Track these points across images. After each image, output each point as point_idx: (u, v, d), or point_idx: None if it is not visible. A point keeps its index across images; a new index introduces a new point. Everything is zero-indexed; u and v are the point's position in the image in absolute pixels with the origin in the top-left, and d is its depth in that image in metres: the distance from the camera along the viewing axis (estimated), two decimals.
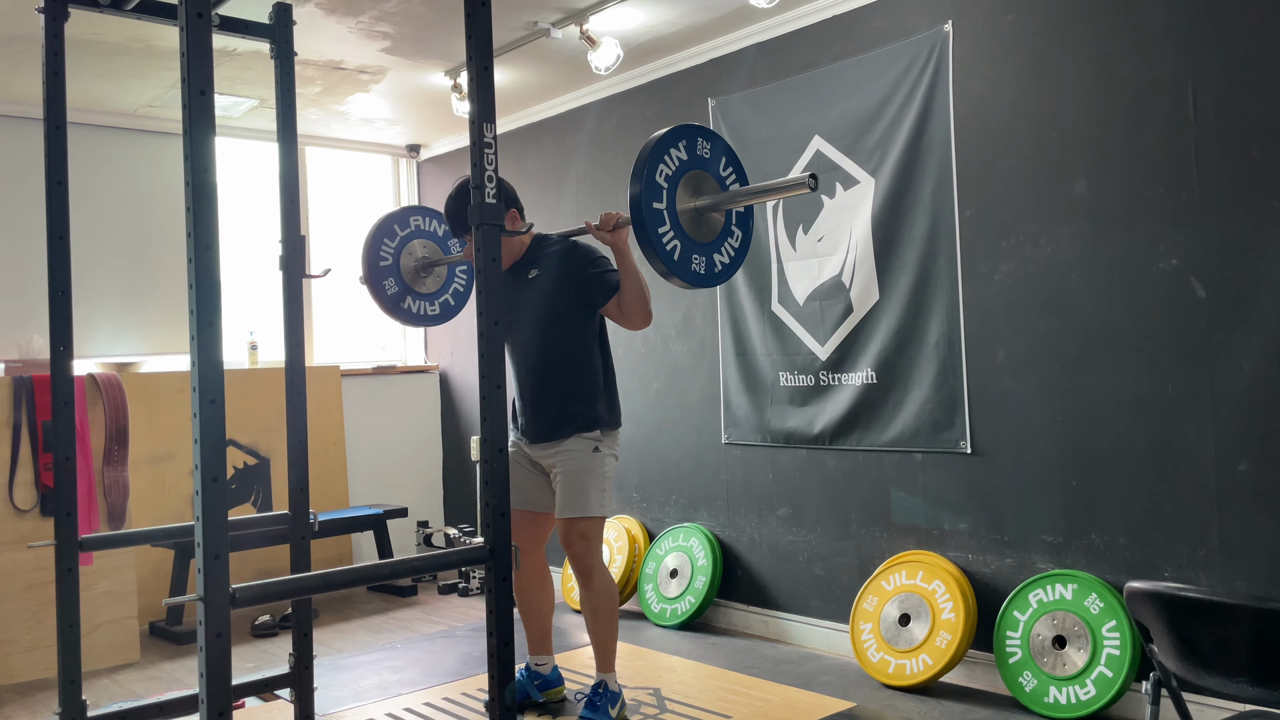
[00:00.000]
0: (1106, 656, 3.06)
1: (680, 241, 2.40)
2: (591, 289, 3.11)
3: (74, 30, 3.51)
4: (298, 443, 2.89)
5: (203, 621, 1.74)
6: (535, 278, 3.19)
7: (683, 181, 2.43)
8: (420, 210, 3.58)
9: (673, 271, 2.39)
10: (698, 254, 2.44)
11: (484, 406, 2.09)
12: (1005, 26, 3.37)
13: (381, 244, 3.47)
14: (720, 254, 2.51)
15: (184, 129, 1.82)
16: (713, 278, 2.50)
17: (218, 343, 1.79)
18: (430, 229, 3.59)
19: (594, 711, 3.13)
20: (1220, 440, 2.93)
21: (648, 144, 2.41)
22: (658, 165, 2.37)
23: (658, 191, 2.36)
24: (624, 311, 3.08)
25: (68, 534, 2.67)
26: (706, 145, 2.50)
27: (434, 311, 3.60)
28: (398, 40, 4.17)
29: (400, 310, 3.50)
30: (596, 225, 2.94)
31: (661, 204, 2.37)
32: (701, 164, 2.47)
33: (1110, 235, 3.14)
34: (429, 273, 3.57)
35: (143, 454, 4.73)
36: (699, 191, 2.47)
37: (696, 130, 2.48)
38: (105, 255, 5.00)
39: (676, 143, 2.42)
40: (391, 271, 3.49)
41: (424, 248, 3.56)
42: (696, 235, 2.45)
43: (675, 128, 2.47)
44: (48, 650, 3.96)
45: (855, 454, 3.86)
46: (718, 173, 2.52)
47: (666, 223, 2.37)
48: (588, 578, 3.15)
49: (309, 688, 2.93)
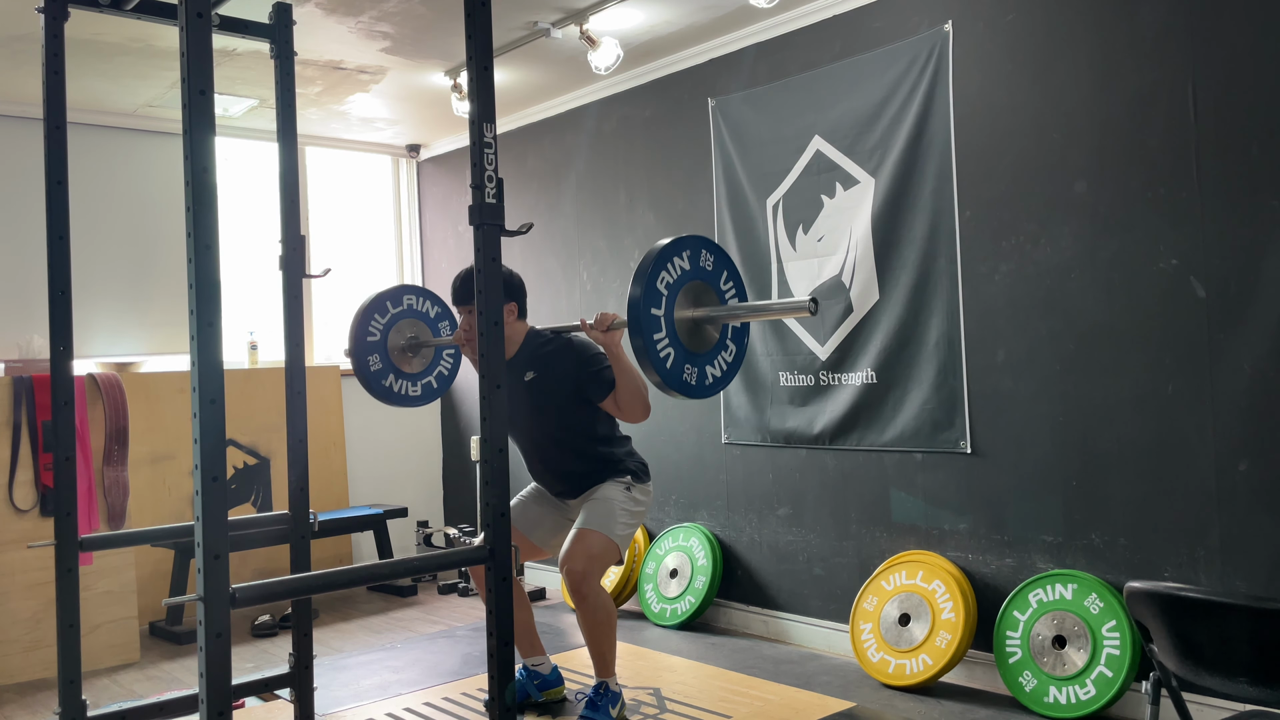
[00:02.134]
0: (1106, 656, 3.06)
1: (674, 350, 2.40)
2: (588, 387, 3.14)
3: (74, 30, 3.51)
4: (298, 443, 2.89)
5: (203, 621, 1.73)
6: (532, 380, 3.20)
7: (683, 291, 2.44)
8: (414, 290, 3.54)
9: (665, 381, 2.38)
10: (690, 364, 2.44)
11: (484, 406, 2.09)
12: (1005, 26, 3.37)
13: (371, 319, 3.44)
14: (713, 366, 2.50)
15: (184, 129, 1.82)
16: (703, 389, 2.49)
17: (218, 343, 1.79)
18: (423, 309, 3.56)
19: (594, 711, 3.13)
20: (1220, 440, 2.93)
21: (652, 251, 2.40)
22: (660, 272, 2.37)
23: (657, 298, 2.36)
24: (621, 408, 3.11)
25: (68, 534, 2.67)
26: (710, 258, 2.51)
27: (415, 393, 3.55)
28: (398, 40, 4.17)
29: (381, 388, 3.46)
30: (591, 324, 2.95)
31: (660, 310, 2.37)
32: (703, 275, 2.48)
33: (1110, 235, 3.14)
34: (416, 353, 3.54)
35: (143, 454, 4.73)
36: (698, 302, 2.48)
37: (701, 242, 2.49)
38: (105, 255, 5.00)
39: (680, 252, 2.42)
40: (378, 348, 3.45)
41: (413, 327, 3.53)
42: (691, 345, 2.45)
43: (680, 238, 2.46)
44: (48, 650, 3.96)
45: (855, 454, 3.86)
46: (718, 285, 2.52)
47: (663, 330, 2.37)
48: (582, 598, 3.08)
49: (309, 688, 2.93)
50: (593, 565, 3.08)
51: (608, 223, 4.88)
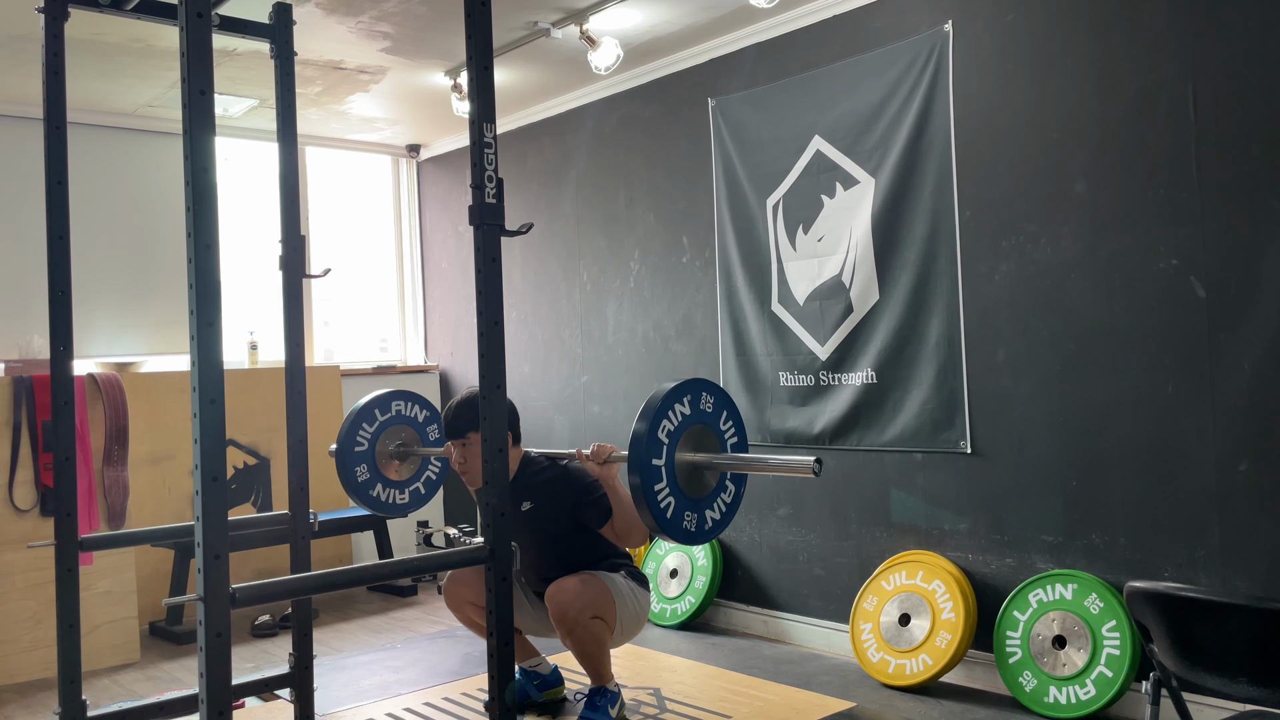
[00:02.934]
0: (1106, 656, 3.06)
1: (675, 499, 2.40)
2: (585, 515, 3.12)
3: (74, 30, 3.50)
4: (298, 443, 2.89)
5: (203, 621, 1.73)
6: (529, 510, 3.18)
7: (684, 436, 2.43)
8: (404, 395, 3.52)
9: (663, 528, 2.37)
10: (690, 511, 2.43)
11: (484, 406, 2.09)
12: (1005, 26, 3.37)
13: (360, 428, 3.43)
14: (712, 510, 2.50)
15: (184, 129, 1.82)
16: (702, 535, 2.48)
17: (218, 343, 1.79)
18: (411, 414, 3.53)
19: (594, 711, 3.13)
20: (1220, 440, 2.93)
21: (654, 398, 2.39)
22: (661, 421, 2.37)
23: (658, 447, 2.36)
24: (619, 535, 3.08)
25: (68, 534, 2.67)
26: (710, 400, 2.51)
27: (403, 500, 3.54)
28: (398, 40, 4.17)
29: (368, 496, 3.44)
30: (588, 455, 2.93)
31: (661, 460, 2.37)
32: (703, 419, 2.48)
33: (1110, 235, 3.14)
34: (404, 459, 3.52)
35: (143, 454, 4.73)
36: (699, 447, 2.47)
37: (702, 385, 2.48)
38: (105, 255, 5.00)
39: (681, 398, 2.42)
40: (365, 458, 3.44)
41: (402, 433, 3.51)
42: (690, 491, 2.44)
43: (680, 383, 2.44)
44: (48, 650, 3.96)
45: (855, 454, 3.86)
46: (718, 428, 2.52)
47: (664, 479, 2.37)
48: (568, 629, 3.02)
49: (309, 688, 2.93)
50: (581, 599, 3.00)
51: (608, 223, 4.88)
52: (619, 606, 3.11)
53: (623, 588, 3.16)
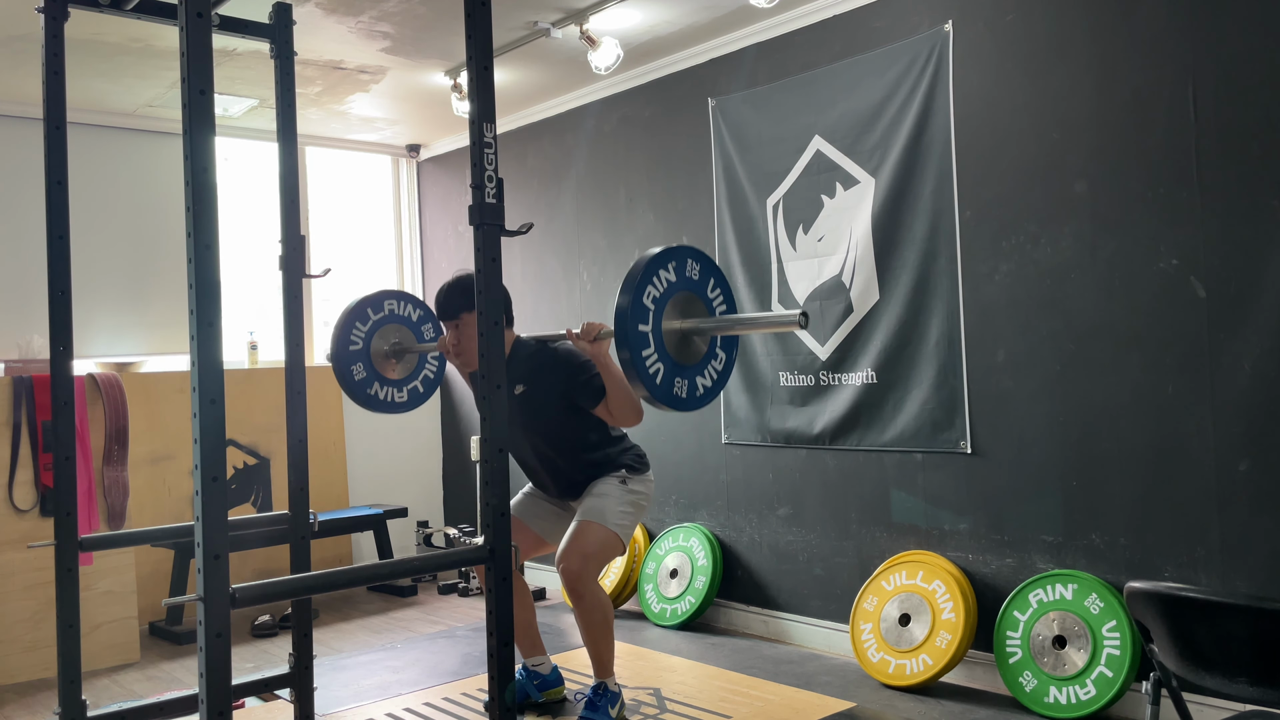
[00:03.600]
0: (1106, 656, 3.06)
1: (664, 365, 2.38)
2: (579, 396, 3.12)
3: (74, 30, 3.50)
4: (298, 443, 2.89)
5: (203, 621, 1.73)
6: (521, 393, 3.19)
7: (670, 303, 2.42)
8: (395, 295, 3.50)
9: (654, 395, 2.36)
10: (680, 377, 2.42)
11: (484, 406, 2.09)
12: (1005, 26, 3.37)
13: (353, 328, 3.40)
14: (703, 376, 2.48)
15: (184, 129, 1.82)
16: (694, 401, 2.47)
17: (218, 343, 1.79)
18: (404, 314, 3.51)
19: (594, 711, 3.13)
20: (1220, 440, 2.93)
21: (637, 264, 2.38)
22: (646, 287, 2.35)
23: (644, 313, 2.34)
24: (613, 414, 3.09)
25: (68, 534, 2.67)
26: (696, 267, 2.49)
27: (402, 399, 3.52)
28: (398, 40, 4.17)
29: (366, 395, 3.43)
30: (578, 334, 2.93)
31: (647, 326, 2.35)
32: (689, 286, 2.46)
33: (1110, 235, 3.14)
34: (399, 359, 3.50)
35: (143, 454, 4.73)
36: (686, 313, 2.46)
37: (686, 251, 2.47)
38: (105, 255, 5.00)
39: (666, 264, 2.40)
40: (360, 356, 3.42)
41: (396, 333, 3.50)
42: (680, 358, 2.43)
43: (664, 250, 2.42)
44: (48, 650, 3.96)
45: (855, 454, 3.86)
46: (705, 295, 2.50)
47: (651, 345, 2.35)
48: (579, 596, 3.08)
49: (309, 688, 2.93)
50: (588, 564, 3.08)
51: (608, 223, 4.88)
52: (621, 534, 3.14)
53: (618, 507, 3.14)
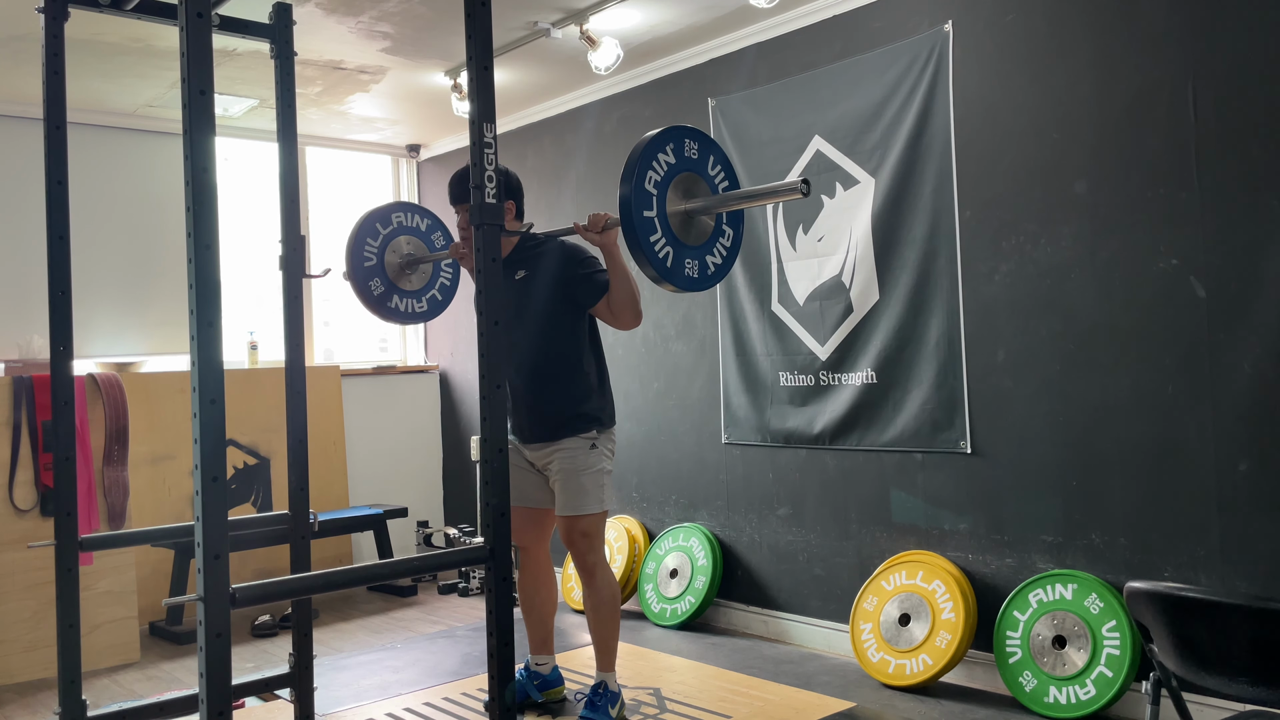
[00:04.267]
0: (1106, 656, 3.06)
1: (672, 247, 2.38)
2: (581, 289, 3.10)
3: (74, 30, 3.50)
4: (298, 443, 2.89)
5: (203, 621, 1.73)
6: (523, 279, 3.17)
7: (672, 185, 2.41)
8: (402, 206, 3.52)
9: (665, 277, 2.37)
10: (690, 258, 2.43)
11: (484, 406, 2.09)
12: (1005, 26, 3.37)
13: (365, 244, 3.42)
14: (713, 255, 2.49)
15: (184, 129, 1.82)
16: (705, 280, 2.48)
17: (218, 343, 1.79)
18: (413, 224, 3.53)
19: (594, 711, 3.13)
20: (1220, 440, 2.93)
21: (635, 149, 2.37)
22: (646, 172, 2.35)
23: (647, 199, 2.34)
24: (613, 311, 3.07)
25: (68, 534, 2.67)
26: (694, 146, 2.48)
27: (422, 308, 3.56)
28: (398, 40, 4.17)
29: (387, 309, 3.46)
30: (585, 226, 2.91)
31: (652, 211, 2.35)
32: (690, 165, 2.45)
33: (1110, 235, 3.14)
34: (414, 269, 3.52)
35: (143, 454, 4.73)
36: (689, 194, 2.45)
37: (683, 131, 2.46)
38: (105, 255, 5.00)
39: (664, 146, 2.40)
40: (376, 271, 3.44)
41: (408, 244, 3.51)
42: (687, 239, 2.44)
43: (660, 131, 2.43)
44: (48, 650, 3.96)
45: (855, 454, 3.86)
46: (707, 173, 2.50)
47: (658, 230, 2.35)
48: (590, 575, 3.16)
49: (309, 688, 2.93)
50: (592, 542, 3.16)
51: None
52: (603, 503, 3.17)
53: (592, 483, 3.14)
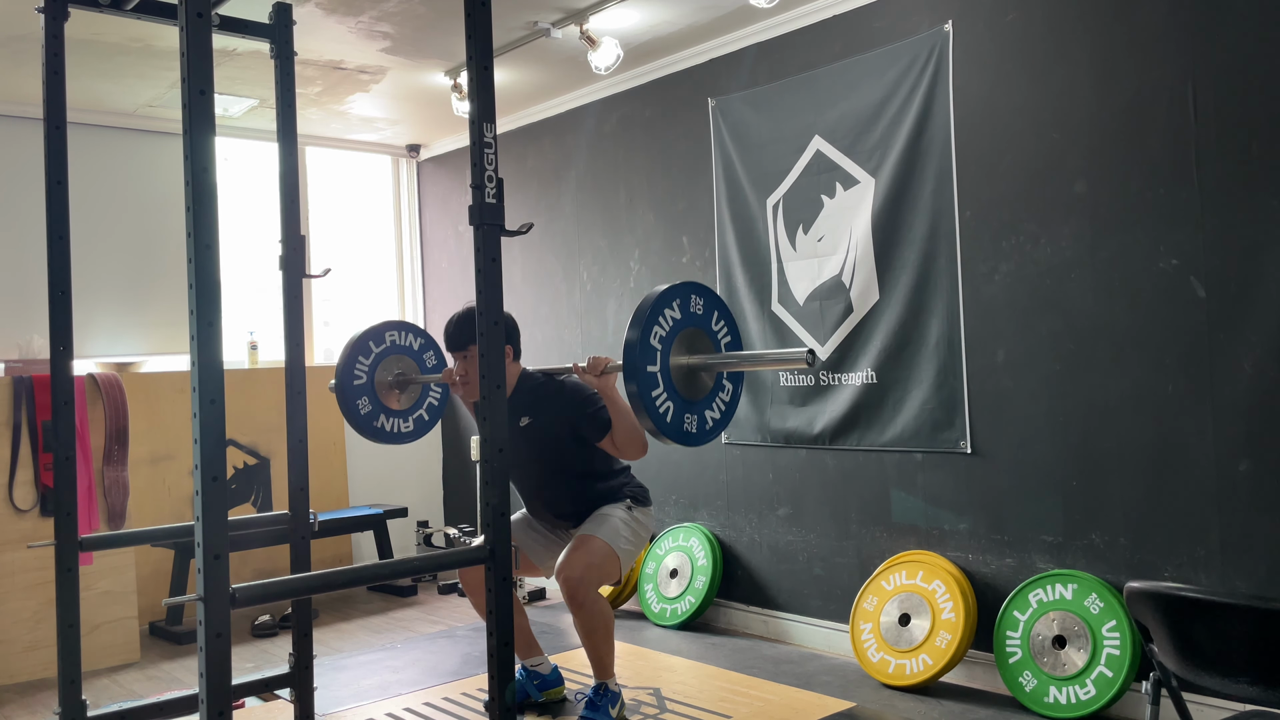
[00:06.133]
0: (1106, 656, 3.06)
1: (673, 403, 2.40)
2: (585, 430, 3.12)
3: (74, 30, 3.50)
4: (298, 443, 2.89)
5: (203, 621, 1.73)
6: (527, 425, 3.19)
7: (676, 340, 2.43)
8: (397, 325, 3.51)
9: (664, 432, 2.38)
10: (690, 413, 2.44)
11: (484, 406, 2.09)
12: (1005, 26, 3.37)
13: (356, 362, 3.41)
14: (712, 410, 2.50)
15: (184, 129, 1.82)
16: (704, 435, 2.48)
17: (218, 343, 1.79)
18: (406, 344, 3.52)
19: (594, 711, 3.13)
20: (1220, 440, 2.93)
21: (643, 306, 2.38)
22: (653, 326, 2.37)
23: (651, 354, 2.36)
24: (618, 448, 3.09)
25: (68, 534, 2.67)
26: (700, 301, 2.50)
27: (408, 428, 3.52)
28: (398, 40, 4.17)
29: (372, 429, 3.43)
30: (584, 368, 2.93)
31: (655, 366, 2.36)
32: (695, 321, 2.48)
33: (1110, 235, 3.14)
34: (403, 389, 3.51)
35: (143, 454, 4.73)
36: (693, 349, 2.47)
37: (690, 287, 2.48)
38: (105, 255, 5.00)
39: (670, 303, 2.42)
40: (365, 390, 3.42)
41: (399, 363, 3.50)
42: (688, 394, 2.45)
43: (668, 289, 2.43)
44: (48, 650, 3.96)
45: (855, 454, 3.86)
46: (710, 328, 2.52)
47: (660, 384, 2.37)
48: (579, 605, 3.06)
49: (309, 688, 2.93)
50: (590, 573, 3.06)
51: (608, 223, 4.88)
52: (622, 558, 3.15)
53: (624, 530, 3.16)
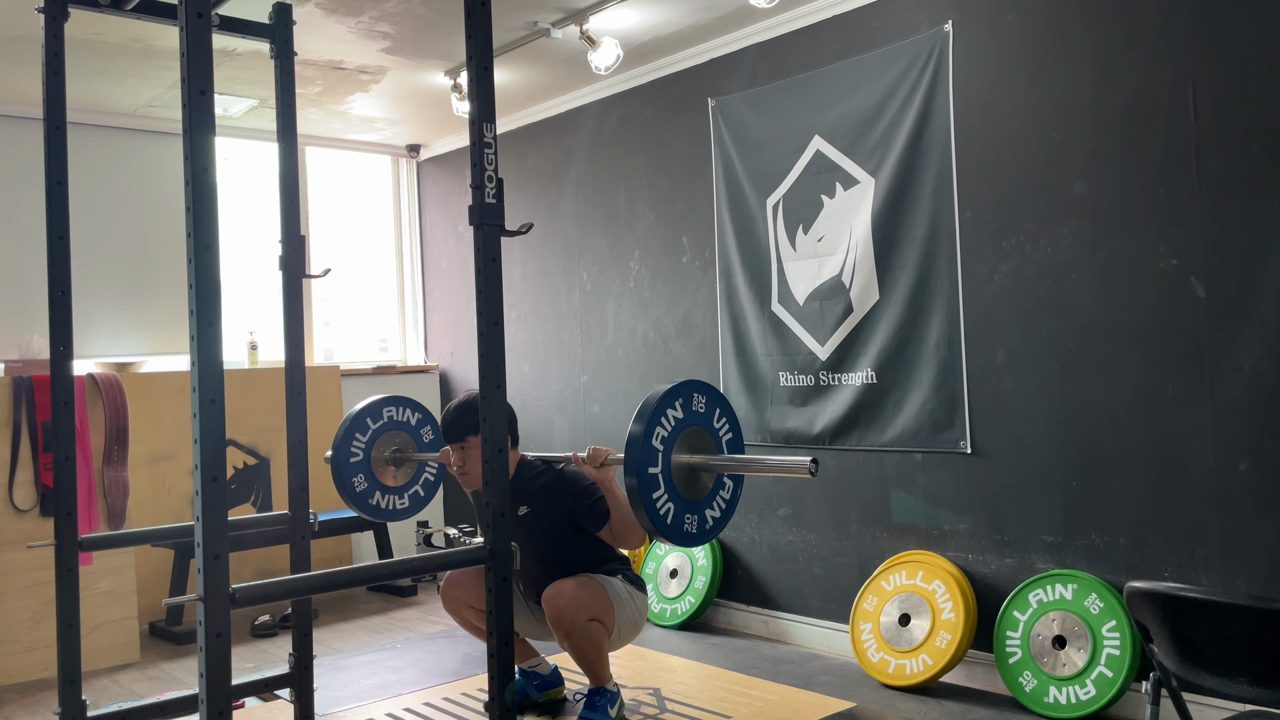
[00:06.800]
0: (1106, 656, 3.06)
1: (673, 504, 2.38)
2: (584, 520, 3.11)
3: (74, 30, 3.50)
4: (298, 443, 2.89)
5: (203, 621, 1.74)
6: (526, 515, 3.17)
7: (678, 440, 2.42)
8: (395, 400, 3.49)
9: (664, 533, 2.36)
10: (690, 513, 2.42)
11: (484, 406, 2.09)
12: (1005, 26, 3.37)
13: (353, 439, 3.40)
14: (712, 509, 2.49)
15: (184, 129, 1.82)
16: (703, 535, 2.47)
17: (218, 343, 1.79)
18: (404, 419, 3.50)
19: (593, 711, 3.13)
20: (1220, 440, 2.93)
21: (646, 406, 2.37)
22: (655, 428, 2.36)
23: (653, 456, 2.35)
24: (616, 537, 3.08)
25: (68, 534, 2.67)
26: (702, 400, 2.49)
27: (403, 505, 3.51)
28: (398, 40, 4.17)
29: (368, 505, 3.42)
30: (584, 459, 2.92)
31: (657, 468, 2.35)
32: (697, 420, 2.47)
33: (1110, 235, 3.14)
34: (399, 466, 3.50)
35: (143, 454, 4.73)
36: (694, 449, 2.46)
37: (693, 386, 2.47)
38: (105, 255, 5.00)
39: (673, 403, 2.41)
40: (361, 467, 3.41)
41: (396, 439, 3.49)
42: (688, 494, 2.43)
43: (671, 388, 2.42)
44: (48, 650, 3.96)
45: (855, 454, 3.86)
46: (712, 426, 2.50)
47: (661, 486, 2.36)
48: (565, 633, 3.02)
49: (309, 688, 2.93)
50: (579, 602, 2.99)
51: (608, 223, 4.88)
52: (617, 611, 3.11)
53: (621, 592, 3.15)
